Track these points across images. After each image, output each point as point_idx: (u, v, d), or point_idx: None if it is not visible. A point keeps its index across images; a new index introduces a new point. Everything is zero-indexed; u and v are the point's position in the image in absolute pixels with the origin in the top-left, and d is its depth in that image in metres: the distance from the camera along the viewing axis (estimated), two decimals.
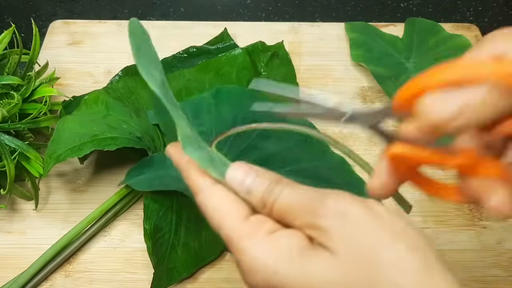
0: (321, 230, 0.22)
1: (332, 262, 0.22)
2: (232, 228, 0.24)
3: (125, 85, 0.51)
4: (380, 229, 0.22)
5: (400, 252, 0.21)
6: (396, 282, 0.21)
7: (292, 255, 0.22)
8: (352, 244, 0.22)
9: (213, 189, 0.25)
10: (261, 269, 0.22)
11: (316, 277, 0.22)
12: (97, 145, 0.43)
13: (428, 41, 0.57)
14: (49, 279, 0.43)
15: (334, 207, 0.22)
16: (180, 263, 0.42)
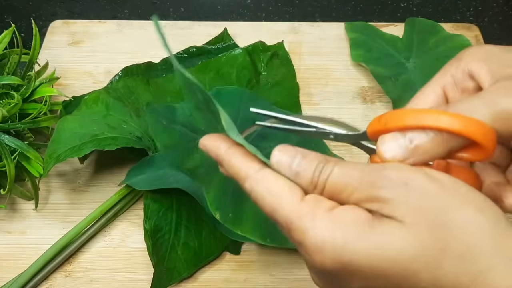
0: (383, 202, 0.22)
1: (401, 230, 0.21)
2: (290, 210, 0.23)
3: (125, 85, 0.51)
4: (444, 195, 0.22)
5: (468, 214, 0.21)
6: (469, 243, 0.21)
7: (360, 226, 0.22)
8: (419, 212, 0.21)
9: (262, 172, 0.24)
10: (328, 245, 0.22)
11: (388, 247, 0.21)
12: (97, 145, 0.43)
13: (428, 41, 0.57)
14: (49, 279, 0.43)
15: (394, 177, 0.22)
16: (180, 263, 0.42)
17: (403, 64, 0.56)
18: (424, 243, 0.21)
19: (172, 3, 0.66)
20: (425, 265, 0.21)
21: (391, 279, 0.21)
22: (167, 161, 0.45)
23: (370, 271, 0.21)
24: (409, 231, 0.21)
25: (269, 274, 0.43)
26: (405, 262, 0.21)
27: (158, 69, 0.55)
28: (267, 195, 0.23)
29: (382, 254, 0.21)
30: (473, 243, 0.21)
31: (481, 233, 0.21)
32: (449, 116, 0.22)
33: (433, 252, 0.21)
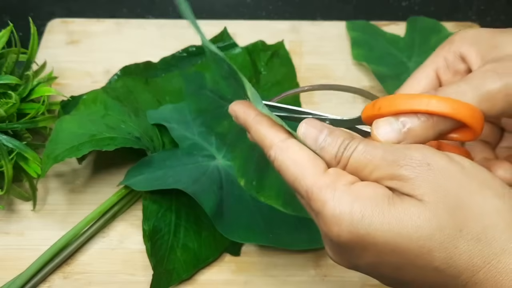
0: (404, 180, 0.22)
1: (420, 208, 0.22)
2: (312, 180, 0.23)
3: (124, 84, 0.50)
4: (465, 178, 0.22)
5: (487, 198, 0.22)
6: (486, 226, 0.21)
7: (379, 201, 0.22)
8: (439, 192, 0.22)
9: (288, 142, 0.25)
10: (346, 217, 0.22)
11: (406, 222, 0.22)
12: (96, 145, 0.43)
13: (430, 40, 0.57)
14: (47, 281, 0.43)
15: (417, 157, 0.22)
16: (179, 264, 0.42)
17: (405, 63, 0.55)
18: (441, 222, 0.21)
19: (171, 1, 0.66)
20: (440, 243, 0.21)
21: (405, 255, 0.22)
22: (167, 162, 0.45)
23: (385, 246, 0.22)
24: (428, 209, 0.22)
25: (269, 275, 0.43)
26: (421, 239, 0.21)
27: (157, 69, 0.54)
28: (290, 165, 0.24)
29: (399, 230, 0.22)
30: (489, 226, 0.21)
31: (498, 217, 0.21)
32: (438, 100, 0.24)
33: (450, 232, 0.21)
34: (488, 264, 0.21)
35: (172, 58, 0.55)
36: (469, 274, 0.21)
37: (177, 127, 0.48)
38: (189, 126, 0.48)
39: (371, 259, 0.23)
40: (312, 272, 0.43)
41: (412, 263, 0.22)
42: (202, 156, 0.46)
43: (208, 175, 0.44)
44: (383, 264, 0.23)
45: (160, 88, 0.51)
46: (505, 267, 0.21)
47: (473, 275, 0.21)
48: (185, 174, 0.44)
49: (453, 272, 0.22)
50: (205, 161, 0.46)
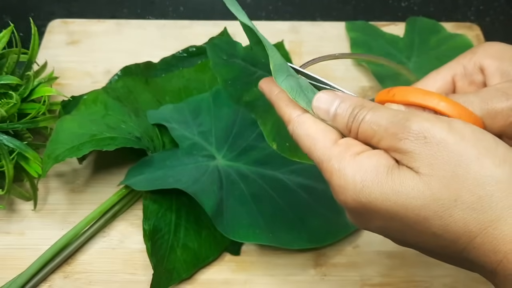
0: (403, 153, 0.23)
1: (415, 180, 0.23)
2: (322, 151, 0.25)
3: (124, 85, 0.50)
4: (463, 147, 0.23)
5: (484, 166, 0.22)
6: (481, 194, 0.22)
7: (378, 172, 0.24)
8: (435, 164, 0.23)
9: (303, 117, 0.27)
10: (350, 186, 0.24)
11: (402, 193, 0.23)
12: (96, 145, 0.43)
13: (429, 40, 0.57)
14: (48, 280, 0.43)
15: (415, 130, 0.23)
16: (180, 264, 0.42)
17: (404, 63, 0.55)
18: (435, 193, 0.22)
19: (172, 2, 0.66)
20: (435, 212, 0.22)
21: (404, 222, 0.23)
22: (168, 162, 0.45)
23: (386, 213, 0.24)
24: (422, 181, 0.23)
25: (269, 275, 0.43)
26: (416, 209, 0.23)
27: (157, 69, 0.54)
28: (304, 137, 0.26)
29: (396, 200, 0.23)
30: (484, 196, 0.22)
31: (495, 187, 0.22)
32: (448, 102, 0.25)
33: (444, 202, 0.22)
34: (484, 230, 0.22)
35: (172, 58, 0.55)
36: (466, 240, 0.22)
37: (177, 127, 0.48)
38: (189, 126, 0.48)
39: (378, 223, 0.25)
40: (312, 272, 0.43)
41: (412, 228, 0.24)
42: (202, 156, 0.46)
43: (208, 175, 0.44)
44: (388, 228, 0.25)
45: (160, 88, 0.52)
46: (501, 233, 0.22)
47: (470, 240, 0.22)
48: (185, 174, 0.44)
49: (450, 237, 0.23)
50: (205, 161, 0.46)
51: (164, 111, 0.49)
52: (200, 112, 0.49)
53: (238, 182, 0.44)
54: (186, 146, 0.47)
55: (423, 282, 0.43)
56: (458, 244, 0.23)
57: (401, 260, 0.44)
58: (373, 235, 0.46)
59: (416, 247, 0.26)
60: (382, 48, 0.57)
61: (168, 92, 0.51)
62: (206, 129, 0.48)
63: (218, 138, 0.47)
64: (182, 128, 0.48)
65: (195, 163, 0.45)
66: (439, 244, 0.24)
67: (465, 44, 0.56)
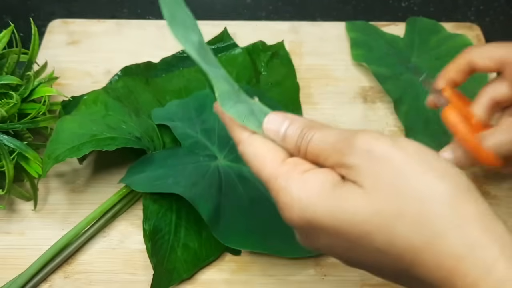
0: (349, 168, 0.24)
1: (358, 194, 0.23)
2: (270, 170, 0.26)
3: (125, 85, 0.50)
4: (406, 164, 0.23)
5: (427, 181, 0.22)
6: (423, 209, 0.22)
7: (323, 189, 0.24)
8: (378, 178, 0.23)
9: (252, 138, 0.27)
10: (295, 204, 0.24)
11: (345, 208, 0.23)
12: (96, 145, 0.43)
13: (429, 40, 0.57)
14: (48, 280, 0.43)
15: (360, 146, 0.24)
16: (180, 264, 0.42)
17: (404, 63, 0.55)
18: (378, 207, 0.22)
19: None
20: (378, 227, 0.22)
21: (349, 237, 0.23)
22: (169, 160, 0.45)
23: (331, 229, 0.24)
24: (366, 195, 0.23)
25: (269, 275, 0.43)
26: (359, 223, 0.23)
27: (158, 69, 0.54)
28: (253, 157, 0.27)
29: (340, 215, 0.23)
30: (427, 209, 0.22)
31: (438, 200, 0.22)
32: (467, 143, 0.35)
33: (386, 216, 0.22)
34: (428, 245, 0.22)
35: (172, 59, 0.55)
36: (411, 256, 0.22)
37: (181, 124, 0.48)
38: (192, 123, 0.48)
39: (325, 241, 0.25)
40: (312, 272, 0.43)
41: (356, 245, 0.23)
42: (204, 156, 0.46)
43: (208, 177, 0.44)
44: (334, 245, 0.25)
45: (161, 88, 0.52)
46: (443, 248, 0.21)
47: (415, 256, 0.22)
48: (185, 175, 0.44)
49: (395, 252, 0.22)
50: (206, 161, 0.46)
51: (169, 108, 0.49)
52: (204, 109, 0.48)
53: (237, 186, 0.44)
54: (188, 144, 0.46)
55: None
56: (404, 261, 0.22)
57: None
58: None
59: (363, 266, 0.25)
60: (382, 48, 0.57)
61: (168, 92, 0.51)
62: (209, 127, 0.47)
63: (220, 137, 0.47)
64: (185, 126, 0.47)
65: (196, 163, 0.45)
66: (385, 262, 0.23)
67: (465, 44, 0.56)
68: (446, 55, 0.55)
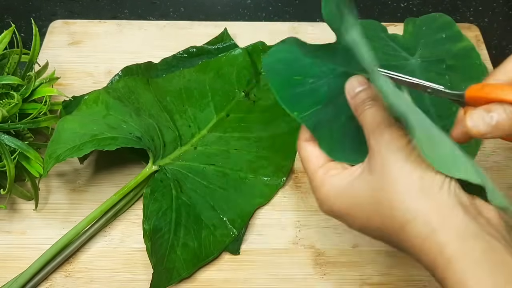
0: (373, 151, 0.30)
1: (366, 182, 0.29)
2: (311, 172, 0.33)
3: (125, 85, 0.51)
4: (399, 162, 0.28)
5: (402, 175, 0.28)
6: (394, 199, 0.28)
7: (344, 189, 0.31)
8: (381, 168, 0.29)
9: (305, 144, 0.34)
10: (325, 201, 0.32)
11: (354, 195, 0.30)
12: (97, 145, 0.43)
13: (435, 36, 0.56)
14: (49, 279, 0.43)
15: (386, 139, 0.29)
16: (180, 263, 0.42)
17: (407, 58, 0.54)
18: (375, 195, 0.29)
19: (172, 3, 0.66)
20: (373, 213, 0.29)
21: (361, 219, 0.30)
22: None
23: (349, 214, 0.31)
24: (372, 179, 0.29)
25: (268, 274, 0.43)
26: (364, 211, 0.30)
27: (158, 69, 0.55)
28: (303, 159, 0.34)
29: (352, 205, 0.30)
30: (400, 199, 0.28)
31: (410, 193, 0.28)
32: None
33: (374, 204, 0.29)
34: (403, 227, 0.28)
35: (172, 59, 0.56)
36: (398, 233, 0.28)
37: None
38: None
39: (348, 221, 0.32)
40: (312, 271, 0.43)
41: (367, 221, 0.30)
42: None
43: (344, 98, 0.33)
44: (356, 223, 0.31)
45: (161, 88, 0.52)
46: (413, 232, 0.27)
47: (397, 234, 0.28)
48: (328, 82, 0.35)
49: (388, 230, 0.29)
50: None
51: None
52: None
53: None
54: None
55: (422, 281, 0.43)
56: (398, 235, 0.28)
57: (400, 259, 0.44)
58: None
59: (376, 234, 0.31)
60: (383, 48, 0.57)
61: (169, 92, 0.52)
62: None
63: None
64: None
65: (348, 68, 0.36)
66: (386, 233, 0.29)
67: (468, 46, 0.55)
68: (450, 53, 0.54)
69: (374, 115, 0.31)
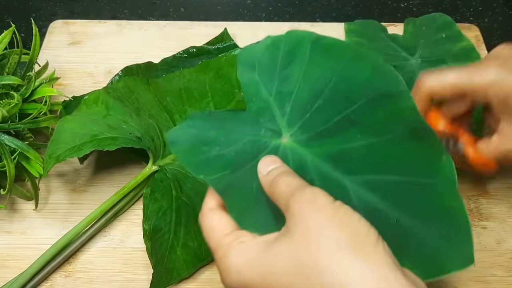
0: (292, 213, 0.27)
1: (285, 248, 0.26)
2: (215, 241, 0.30)
3: (125, 85, 0.51)
4: (325, 219, 0.26)
5: (330, 233, 0.26)
6: (324, 258, 0.25)
7: (256, 255, 0.27)
8: (305, 228, 0.26)
9: (211, 212, 0.32)
10: (233, 270, 0.28)
11: (271, 264, 0.26)
12: (97, 145, 0.43)
13: (435, 37, 0.56)
14: (49, 279, 0.43)
15: (309, 196, 0.28)
16: (180, 263, 0.42)
17: (407, 59, 0.55)
18: (300, 254, 0.26)
19: (172, 3, 0.66)
20: (298, 277, 0.25)
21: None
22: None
23: (262, 286, 0.27)
24: (292, 242, 0.27)
25: None
26: (281, 275, 0.26)
27: (158, 69, 0.55)
28: (205, 229, 0.32)
29: (267, 274, 0.27)
30: (325, 259, 0.25)
31: (334, 246, 0.25)
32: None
33: (305, 263, 0.25)
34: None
35: (172, 59, 0.56)
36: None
37: (258, 78, 0.39)
38: (272, 77, 0.39)
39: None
40: None
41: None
42: (266, 129, 0.37)
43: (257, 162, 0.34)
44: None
45: (161, 88, 0.52)
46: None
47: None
48: (235, 149, 0.36)
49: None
50: (267, 136, 0.36)
51: (262, 44, 0.41)
52: (292, 60, 0.39)
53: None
54: (255, 109, 0.38)
55: None
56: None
57: None
58: None
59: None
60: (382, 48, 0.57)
61: (169, 92, 0.52)
62: (287, 89, 0.38)
63: (294, 108, 0.37)
64: (262, 80, 0.39)
65: (255, 136, 0.36)
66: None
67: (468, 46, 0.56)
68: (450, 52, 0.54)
69: (290, 181, 0.29)
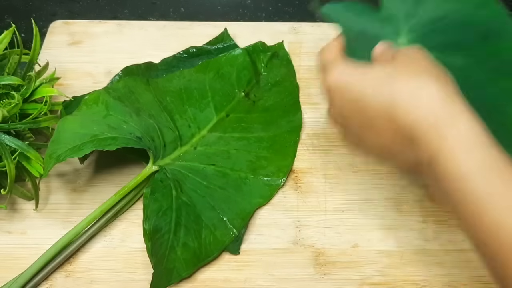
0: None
1: (381, 67, 0.34)
2: (328, 56, 0.40)
3: (125, 85, 0.51)
4: (425, 62, 0.34)
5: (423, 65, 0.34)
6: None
7: (358, 68, 0.36)
8: (406, 61, 0.34)
9: (335, 43, 0.41)
10: (337, 70, 0.37)
11: (364, 74, 0.35)
12: (97, 145, 0.43)
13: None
14: (49, 279, 0.43)
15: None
16: (180, 263, 0.42)
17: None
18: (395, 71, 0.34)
19: (172, 3, 0.66)
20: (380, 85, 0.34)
21: (360, 94, 0.35)
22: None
23: (350, 89, 0.35)
24: (385, 69, 0.35)
25: (268, 274, 0.43)
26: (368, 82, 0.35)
27: (158, 69, 0.55)
28: (323, 49, 0.41)
29: (361, 81, 0.35)
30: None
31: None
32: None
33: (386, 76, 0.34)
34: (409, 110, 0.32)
35: (173, 59, 0.56)
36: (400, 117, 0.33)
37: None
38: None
39: (344, 106, 0.36)
40: (312, 271, 0.43)
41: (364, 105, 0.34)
42: (388, 32, 0.41)
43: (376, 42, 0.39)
44: (349, 110, 0.36)
45: (161, 88, 0.52)
46: (422, 114, 0.32)
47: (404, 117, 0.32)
48: (364, 39, 0.41)
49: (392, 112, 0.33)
50: (388, 34, 0.41)
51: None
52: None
53: None
54: (385, 14, 0.41)
55: (422, 281, 0.43)
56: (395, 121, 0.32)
57: (400, 259, 0.44)
58: (372, 234, 0.46)
59: (370, 141, 0.35)
60: None
61: (169, 93, 0.52)
62: (415, 11, 0.41)
63: (418, 21, 0.41)
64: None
65: (379, 30, 0.40)
66: (386, 126, 0.33)
67: None
68: None
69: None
